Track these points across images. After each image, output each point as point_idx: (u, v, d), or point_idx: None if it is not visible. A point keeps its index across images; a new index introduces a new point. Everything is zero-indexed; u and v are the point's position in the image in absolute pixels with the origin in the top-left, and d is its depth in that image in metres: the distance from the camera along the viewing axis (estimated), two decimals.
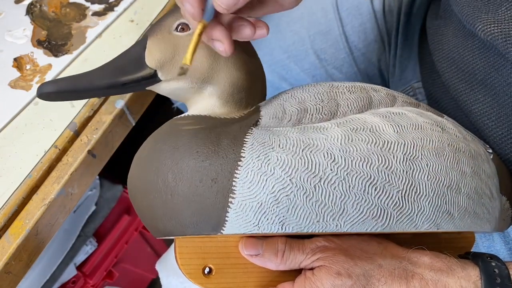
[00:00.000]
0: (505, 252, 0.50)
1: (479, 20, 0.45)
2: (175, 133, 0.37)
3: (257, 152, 0.35)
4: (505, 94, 0.44)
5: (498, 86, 0.45)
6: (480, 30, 0.45)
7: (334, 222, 0.35)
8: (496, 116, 0.46)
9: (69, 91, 0.37)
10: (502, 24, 0.43)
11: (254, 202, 0.34)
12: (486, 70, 0.46)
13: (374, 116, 0.38)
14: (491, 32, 0.44)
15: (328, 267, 0.38)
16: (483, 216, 0.40)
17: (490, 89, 0.46)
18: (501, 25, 0.43)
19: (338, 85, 0.41)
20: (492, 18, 0.44)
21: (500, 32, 0.43)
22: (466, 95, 0.48)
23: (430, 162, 0.37)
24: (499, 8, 0.44)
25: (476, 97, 0.47)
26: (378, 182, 0.35)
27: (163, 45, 0.38)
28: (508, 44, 0.43)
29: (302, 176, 0.34)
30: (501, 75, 0.44)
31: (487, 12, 0.45)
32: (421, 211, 0.37)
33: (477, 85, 0.47)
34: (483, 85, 0.46)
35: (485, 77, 0.46)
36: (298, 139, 0.35)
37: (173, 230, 0.36)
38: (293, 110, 0.38)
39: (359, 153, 0.35)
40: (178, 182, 0.35)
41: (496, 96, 0.45)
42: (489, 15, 0.44)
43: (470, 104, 0.47)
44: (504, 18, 0.43)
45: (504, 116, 0.45)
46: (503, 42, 0.43)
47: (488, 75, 0.46)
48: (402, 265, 0.38)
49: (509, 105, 0.45)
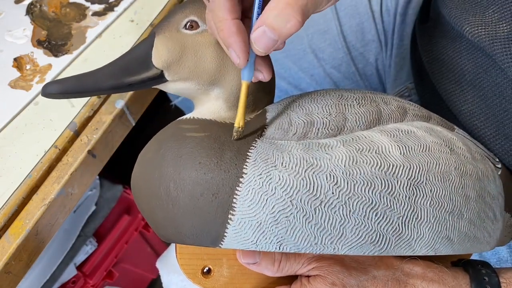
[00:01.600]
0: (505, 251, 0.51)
1: (466, 22, 0.45)
2: (179, 139, 0.36)
3: (259, 170, 0.34)
4: (493, 95, 0.45)
5: (487, 87, 0.45)
6: (468, 32, 0.45)
7: (332, 245, 0.35)
8: (484, 116, 0.46)
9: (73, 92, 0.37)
10: (489, 27, 0.43)
11: (254, 220, 0.34)
12: (475, 70, 0.46)
13: (381, 134, 0.37)
14: (478, 34, 0.44)
15: (323, 277, 0.38)
16: (483, 239, 0.40)
17: (479, 90, 0.46)
18: (488, 27, 0.43)
19: (347, 96, 0.40)
20: (479, 20, 0.44)
21: (487, 34, 0.43)
22: (455, 96, 0.48)
23: (435, 187, 0.36)
24: (486, 11, 0.44)
25: (465, 98, 0.47)
26: (379, 208, 0.35)
27: (170, 44, 0.37)
28: (494, 46, 0.43)
29: (303, 198, 0.34)
30: (490, 76, 0.45)
31: (475, 15, 0.45)
32: (420, 237, 0.36)
33: (466, 86, 0.47)
34: (472, 85, 0.46)
35: (474, 77, 0.46)
36: (301, 157, 0.35)
37: (172, 238, 0.36)
38: (299, 122, 0.37)
39: (363, 177, 0.34)
40: (180, 193, 0.35)
41: (484, 96, 0.45)
42: (477, 17, 0.44)
43: (460, 104, 0.47)
44: (491, 20, 0.43)
45: (492, 116, 0.45)
46: (490, 44, 0.43)
47: (477, 76, 0.46)
48: (395, 276, 0.39)
49: (497, 105, 0.45)
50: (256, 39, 0.33)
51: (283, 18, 0.31)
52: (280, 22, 0.31)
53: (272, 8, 0.32)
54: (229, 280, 0.41)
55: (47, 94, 0.37)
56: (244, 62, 0.34)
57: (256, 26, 0.33)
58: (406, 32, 0.62)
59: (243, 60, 0.33)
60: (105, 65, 0.37)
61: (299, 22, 0.31)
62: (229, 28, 0.33)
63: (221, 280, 0.40)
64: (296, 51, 0.65)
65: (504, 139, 0.45)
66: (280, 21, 0.31)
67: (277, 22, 0.32)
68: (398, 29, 0.62)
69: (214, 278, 0.40)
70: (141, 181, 0.37)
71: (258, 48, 0.33)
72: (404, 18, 0.62)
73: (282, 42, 0.33)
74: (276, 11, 0.31)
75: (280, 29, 0.32)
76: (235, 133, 0.36)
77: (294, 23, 0.31)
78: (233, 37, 0.33)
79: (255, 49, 0.33)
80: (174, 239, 0.36)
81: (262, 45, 0.33)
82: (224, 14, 0.33)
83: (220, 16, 0.33)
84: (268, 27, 0.32)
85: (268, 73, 0.36)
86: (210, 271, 0.40)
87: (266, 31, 0.32)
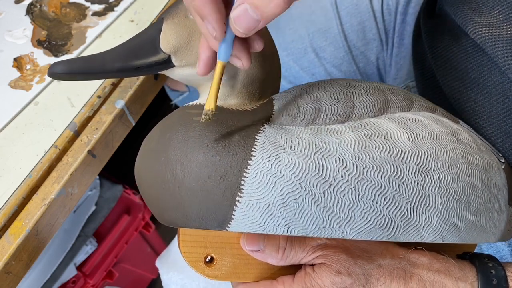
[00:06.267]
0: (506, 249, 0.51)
1: (471, 23, 0.45)
2: (186, 123, 0.36)
3: (268, 152, 0.34)
4: (496, 93, 0.45)
5: (490, 86, 0.45)
6: (472, 33, 0.45)
7: (340, 229, 0.35)
8: (487, 115, 0.46)
9: (80, 73, 0.36)
10: (493, 28, 0.43)
11: (262, 202, 0.34)
12: (479, 69, 0.46)
13: (389, 121, 0.37)
14: (482, 36, 0.44)
15: (328, 265, 0.38)
16: (489, 229, 0.40)
17: (482, 88, 0.46)
18: (492, 28, 0.43)
19: (355, 84, 0.40)
20: (484, 21, 0.44)
21: (490, 36, 0.43)
22: (459, 93, 0.48)
23: (442, 174, 0.36)
24: (491, 11, 0.44)
25: (468, 96, 0.47)
26: (388, 192, 0.35)
27: (178, 30, 0.37)
28: (496, 48, 0.43)
29: (312, 180, 0.34)
30: (493, 75, 0.45)
31: (480, 15, 0.45)
32: (428, 223, 0.36)
33: (470, 84, 0.47)
34: (476, 83, 0.46)
35: (478, 76, 0.46)
36: (310, 141, 0.35)
37: (178, 222, 0.36)
38: (307, 109, 0.37)
39: (372, 161, 0.35)
40: (187, 175, 0.35)
41: (487, 95, 0.45)
42: (482, 18, 0.44)
43: (463, 102, 0.47)
44: (496, 21, 0.43)
45: (494, 115, 0.45)
46: (492, 46, 0.43)
47: (481, 74, 0.46)
48: (401, 265, 0.38)
49: (499, 104, 0.45)
50: (236, 18, 0.30)
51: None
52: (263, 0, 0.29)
53: None
54: (232, 269, 0.40)
55: (53, 74, 0.36)
56: (220, 35, 0.31)
57: (237, 3, 0.30)
58: (406, 31, 0.62)
59: (219, 32, 0.31)
60: (113, 48, 0.37)
61: (284, 2, 0.29)
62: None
63: (223, 269, 0.40)
64: (297, 50, 0.65)
65: (506, 138, 0.45)
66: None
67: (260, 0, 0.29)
68: (398, 28, 0.62)
69: (216, 267, 0.40)
70: (146, 166, 0.37)
71: (238, 28, 0.30)
72: (405, 17, 0.62)
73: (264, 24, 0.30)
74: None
75: (263, 7, 0.29)
76: (204, 115, 0.34)
77: (278, 2, 0.29)
78: (207, 7, 0.30)
79: (234, 29, 0.30)
80: (180, 223, 0.36)
81: (243, 25, 0.30)
82: None
83: None
84: (250, 5, 0.29)
85: (247, 61, 0.33)
86: (212, 260, 0.40)
87: (248, 9, 0.29)
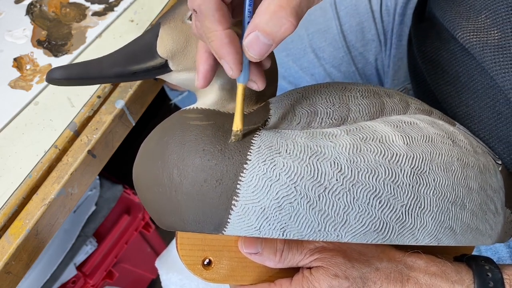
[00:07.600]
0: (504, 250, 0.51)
1: (459, 27, 0.45)
2: (183, 127, 0.36)
3: (264, 156, 0.34)
4: (487, 97, 0.44)
5: (481, 89, 0.45)
6: (460, 37, 0.45)
7: (335, 232, 0.35)
8: (478, 119, 0.46)
9: (78, 78, 0.37)
10: (481, 33, 0.43)
11: (257, 206, 0.34)
12: (469, 73, 0.46)
13: (385, 124, 0.37)
14: (470, 41, 0.44)
15: (325, 268, 0.38)
16: (485, 232, 0.40)
17: (473, 92, 0.45)
18: (480, 33, 0.43)
19: (351, 87, 0.40)
20: (472, 25, 0.44)
21: (478, 41, 0.43)
22: (451, 98, 0.48)
23: (438, 177, 0.36)
24: (479, 15, 0.44)
25: (460, 100, 0.47)
26: (383, 195, 0.35)
27: (175, 35, 0.37)
28: (484, 53, 0.43)
29: (307, 184, 0.34)
30: (483, 78, 0.44)
31: (468, 19, 0.45)
32: (423, 226, 0.36)
33: (461, 88, 0.47)
34: (466, 87, 0.46)
35: (468, 80, 0.46)
36: (305, 145, 0.35)
37: (175, 225, 0.36)
38: (303, 112, 0.38)
39: (366, 165, 0.35)
40: (183, 179, 0.35)
41: (478, 99, 0.45)
42: (470, 22, 0.44)
43: (455, 106, 0.47)
44: (484, 26, 0.43)
45: (485, 119, 0.45)
46: (480, 51, 0.43)
47: (471, 78, 0.45)
48: (398, 268, 0.39)
49: (489, 108, 0.44)
50: (249, 45, 0.31)
51: (277, 22, 0.29)
52: (273, 26, 0.30)
53: (264, 11, 0.30)
54: (230, 272, 0.40)
55: (51, 80, 0.37)
56: (237, 73, 0.32)
57: (248, 31, 0.31)
58: (404, 32, 0.62)
59: (236, 71, 0.32)
60: (111, 53, 0.37)
61: (293, 25, 0.30)
62: (220, 40, 0.31)
63: (221, 272, 0.40)
64: (296, 51, 0.65)
65: (498, 141, 0.45)
66: (274, 25, 0.30)
67: (270, 26, 0.30)
68: (397, 29, 0.62)
69: (214, 270, 0.40)
70: (144, 169, 0.37)
71: (252, 55, 0.31)
72: (403, 18, 0.62)
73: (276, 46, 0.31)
74: (268, 14, 0.29)
75: (274, 33, 0.30)
76: (234, 136, 0.35)
77: (288, 26, 0.30)
78: (225, 49, 0.31)
79: (248, 55, 0.32)
80: (176, 226, 0.36)
81: (256, 51, 0.31)
82: (214, 25, 0.31)
83: (210, 27, 0.31)
84: (261, 32, 0.30)
85: (262, 83, 0.35)
86: (210, 263, 0.40)
87: (259, 36, 0.30)
